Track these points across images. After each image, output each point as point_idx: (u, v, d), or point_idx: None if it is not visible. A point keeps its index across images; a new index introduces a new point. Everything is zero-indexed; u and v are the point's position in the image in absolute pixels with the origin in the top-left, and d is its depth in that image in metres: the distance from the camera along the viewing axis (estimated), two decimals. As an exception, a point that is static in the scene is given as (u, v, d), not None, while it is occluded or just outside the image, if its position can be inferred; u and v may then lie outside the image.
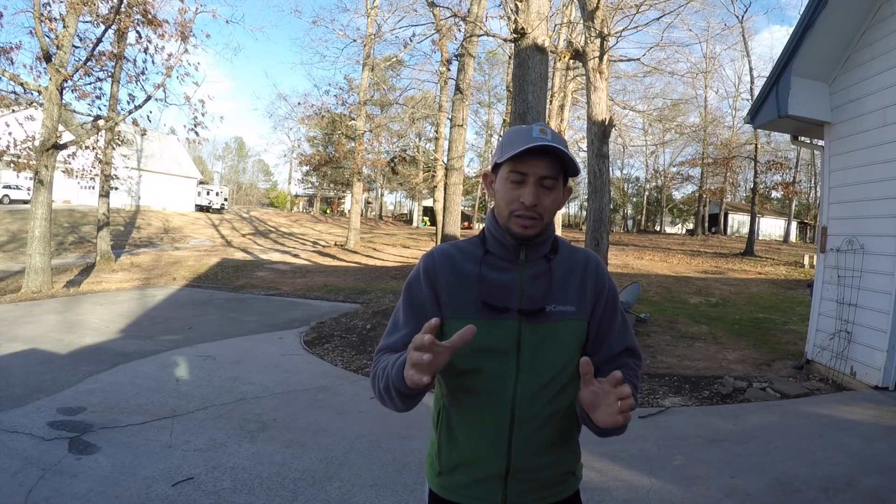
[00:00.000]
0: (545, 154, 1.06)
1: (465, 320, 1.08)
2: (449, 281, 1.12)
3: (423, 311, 1.12)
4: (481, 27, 8.96)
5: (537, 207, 1.08)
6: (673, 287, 12.62)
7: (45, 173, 10.29)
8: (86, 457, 3.10)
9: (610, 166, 7.91)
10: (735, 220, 42.37)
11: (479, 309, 1.09)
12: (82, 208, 26.28)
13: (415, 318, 1.13)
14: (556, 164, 1.08)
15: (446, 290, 1.12)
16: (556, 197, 1.11)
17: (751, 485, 2.89)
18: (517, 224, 1.09)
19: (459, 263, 1.14)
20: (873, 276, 4.67)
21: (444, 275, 1.13)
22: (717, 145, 30.83)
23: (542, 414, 1.09)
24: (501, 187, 1.11)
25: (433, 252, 1.18)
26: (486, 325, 1.08)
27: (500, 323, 1.09)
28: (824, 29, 4.88)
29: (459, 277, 1.12)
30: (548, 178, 1.08)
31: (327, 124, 22.90)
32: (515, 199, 1.08)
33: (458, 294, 1.11)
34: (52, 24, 10.30)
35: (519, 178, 1.08)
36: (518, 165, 1.07)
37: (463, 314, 1.10)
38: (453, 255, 1.16)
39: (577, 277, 1.15)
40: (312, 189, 51.96)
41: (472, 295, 1.10)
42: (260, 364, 5.43)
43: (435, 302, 1.12)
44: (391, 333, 1.16)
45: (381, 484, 2.90)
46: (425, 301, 1.13)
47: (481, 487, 1.11)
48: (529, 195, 1.07)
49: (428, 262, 1.15)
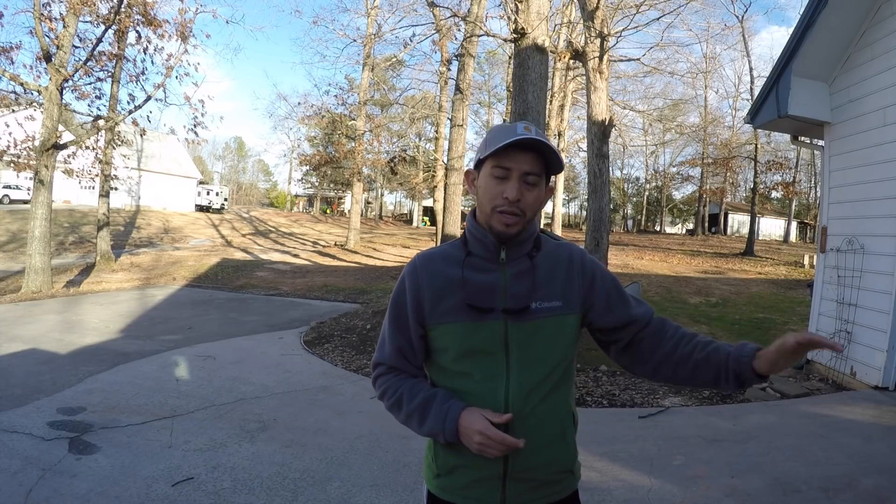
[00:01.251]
0: (529, 149, 1.07)
1: (450, 325, 1.11)
2: (432, 289, 1.13)
3: (407, 324, 1.16)
4: (481, 27, 8.96)
5: (520, 203, 1.08)
6: (673, 287, 12.62)
7: (45, 173, 10.29)
8: (86, 457, 3.10)
9: (610, 166, 7.90)
10: (735, 220, 42.35)
11: (463, 312, 1.10)
12: (82, 208, 26.28)
13: (399, 331, 1.17)
14: (539, 161, 1.08)
15: (430, 299, 1.13)
16: (539, 195, 1.11)
17: (751, 485, 2.88)
18: (499, 221, 1.09)
19: (442, 269, 1.14)
20: (873, 276, 4.66)
21: (426, 284, 1.14)
22: (717, 145, 30.80)
23: (537, 412, 1.09)
24: (484, 183, 1.11)
25: (415, 262, 1.19)
26: (472, 326, 1.09)
27: (485, 324, 1.09)
28: (824, 29, 4.88)
29: (443, 283, 1.13)
30: (531, 174, 1.08)
31: (327, 124, 22.88)
32: (499, 194, 1.08)
33: (443, 300, 1.12)
34: (52, 23, 10.30)
35: (502, 173, 1.08)
36: (502, 160, 1.07)
37: (448, 319, 1.11)
38: (436, 261, 1.16)
39: (563, 272, 1.15)
40: (312, 189, 51.96)
41: (456, 299, 1.11)
42: (260, 364, 5.43)
43: (418, 313, 1.15)
44: (383, 346, 1.21)
45: (381, 484, 2.90)
46: (409, 315, 1.15)
47: (480, 488, 1.11)
48: (513, 190, 1.07)
49: (411, 274, 1.17)
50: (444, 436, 1.07)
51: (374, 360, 1.22)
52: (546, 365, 1.10)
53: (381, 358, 1.20)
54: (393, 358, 1.18)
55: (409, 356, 1.17)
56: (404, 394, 1.13)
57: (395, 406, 1.15)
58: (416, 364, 1.19)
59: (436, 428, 1.08)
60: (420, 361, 1.19)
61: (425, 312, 1.13)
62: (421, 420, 1.10)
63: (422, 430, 1.11)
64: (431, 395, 1.11)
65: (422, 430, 1.11)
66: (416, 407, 1.11)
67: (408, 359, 1.17)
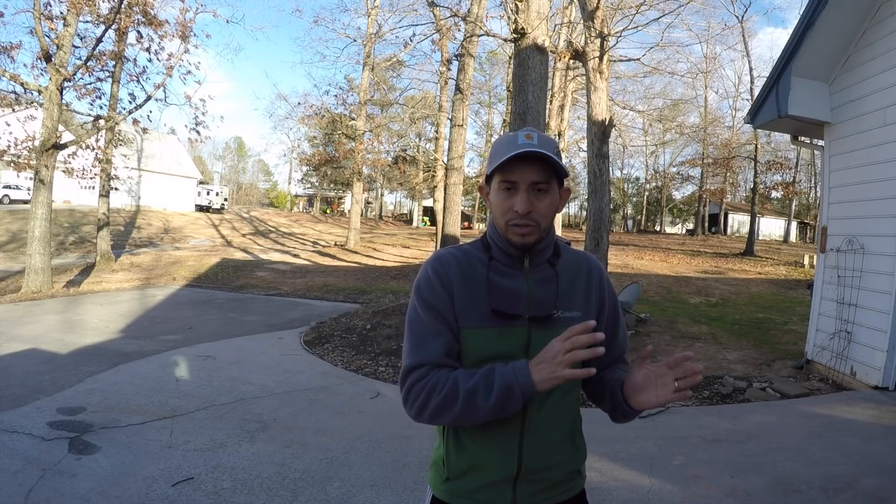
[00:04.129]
0: (533, 160, 1.06)
1: (476, 329, 1.08)
2: (459, 287, 1.10)
3: (447, 318, 1.09)
4: (481, 27, 8.96)
5: (532, 214, 1.07)
6: (673, 287, 12.62)
7: (46, 173, 10.29)
8: (86, 457, 3.10)
9: (610, 166, 7.91)
10: (735, 220, 42.35)
11: (489, 317, 1.08)
12: (82, 208, 26.28)
13: (442, 325, 1.09)
14: (545, 168, 1.07)
15: (458, 297, 1.10)
16: (552, 200, 1.10)
17: (751, 485, 2.88)
18: (514, 233, 1.09)
19: (467, 269, 1.12)
20: (873, 276, 4.66)
21: (456, 280, 1.11)
22: (717, 145, 30.79)
23: (551, 416, 1.10)
24: (495, 198, 1.11)
25: (440, 256, 1.15)
26: (498, 332, 1.08)
27: (511, 329, 1.08)
28: (824, 29, 4.88)
29: (469, 284, 1.11)
30: (539, 182, 1.07)
31: (327, 124, 22.89)
32: (509, 208, 1.08)
33: (469, 302, 1.09)
34: (53, 23, 10.30)
35: (510, 186, 1.08)
36: (507, 174, 1.07)
37: (474, 323, 1.08)
38: (460, 259, 1.14)
39: (583, 283, 1.16)
40: (312, 189, 51.96)
41: (481, 303, 1.09)
42: (260, 364, 5.43)
43: (452, 305, 1.09)
44: (423, 345, 1.08)
45: (381, 484, 2.90)
46: (445, 303, 1.09)
47: (491, 491, 1.11)
48: (522, 203, 1.06)
49: (437, 266, 1.12)
50: (520, 387, 0.97)
51: (411, 364, 1.07)
52: None
53: (423, 358, 1.07)
54: (439, 355, 1.06)
55: (454, 352, 1.08)
56: (458, 379, 1.03)
57: (449, 397, 1.01)
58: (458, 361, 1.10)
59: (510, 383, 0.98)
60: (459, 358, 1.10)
61: (456, 310, 1.09)
62: (488, 389, 0.99)
63: (490, 401, 0.99)
64: (490, 368, 1.03)
65: (490, 401, 0.99)
66: (477, 380, 1.01)
67: (453, 355, 1.08)
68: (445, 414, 1.03)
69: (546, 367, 0.96)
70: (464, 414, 1.02)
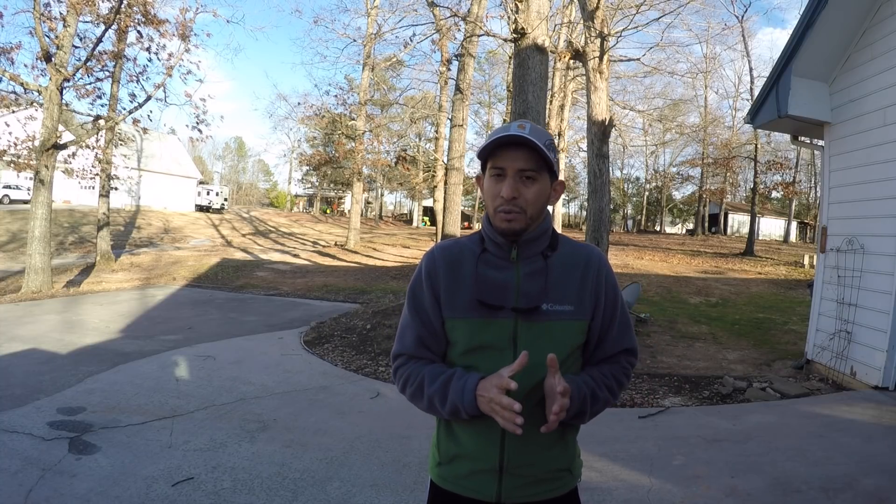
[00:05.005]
0: (521, 146, 1.08)
1: (460, 320, 1.12)
2: (447, 280, 1.15)
3: (427, 313, 1.17)
4: (481, 27, 8.96)
5: (518, 200, 1.09)
6: (673, 287, 12.62)
7: (46, 173, 10.29)
8: (86, 457, 3.10)
9: (610, 166, 7.90)
10: (735, 220, 42.35)
11: (475, 307, 1.11)
12: (82, 208, 26.28)
13: (420, 319, 1.18)
14: (534, 156, 1.09)
15: (445, 290, 1.15)
16: (540, 189, 1.11)
17: (751, 485, 2.88)
18: (500, 219, 1.11)
19: (458, 261, 1.16)
20: (873, 276, 4.66)
21: (443, 274, 1.16)
22: (717, 145, 30.76)
23: (535, 412, 1.08)
24: (486, 185, 1.14)
25: (433, 252, 1.20)
26: (482, 323, 1.11)
27: (495, 321, 1.10)
28: (824, 29, 4.88)
29: (457, 276, 1.15)
30: (527, 170, 1.09)
31: (327, 124, 22.91)
32: (497, 194, 1.10)
33: (456, 293, 1.13)
34: (53, 23, 10.30)
35: (498, 172, 1.10)
36: (496, 161, 1.10)
37: (459, 314, 1.13)
38: (452, 251, 1.18)
39: (578, 276, 1.14)
40: (312, 189, 51.96)
41: (468, 293, 1.12)
42: (260, 364, 5.43)
43: (436, 303, 1.16)
44: (402, 337, 1.20)
45: (381, 484, 2.90)
46: (428, 303, 1.17)
47: (477, 480, 1.13)
48: (508, 188, 1.08)
49: (429, 263, 1.18)
50: (465, 409, 1.05)
51: (394, 351, 1.22)
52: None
53: (402, 348, 1.20)
54: (413, 347, 1.18)
55: (431, 344, 1.17)
56: (425, 378, 1.13)
57: (417, 393, 1.14)
58: (437, 351, 1.19)
59: (456, 403, 1.06)
60: (442, 348, 1.18)
61: (441, 303, 1.15)
62: (442, 400, 1.09)
63: (445, 410, 1.10)
64: (450, 375, 1.11)
65: (445, 410, 1.10)
66: (437, 388, 1.10)
67: (429, 347, 1.18)
68: (417, 404, 1.17)
69: (485, 404, 1.03)
70: (430, 410, 1.15)
